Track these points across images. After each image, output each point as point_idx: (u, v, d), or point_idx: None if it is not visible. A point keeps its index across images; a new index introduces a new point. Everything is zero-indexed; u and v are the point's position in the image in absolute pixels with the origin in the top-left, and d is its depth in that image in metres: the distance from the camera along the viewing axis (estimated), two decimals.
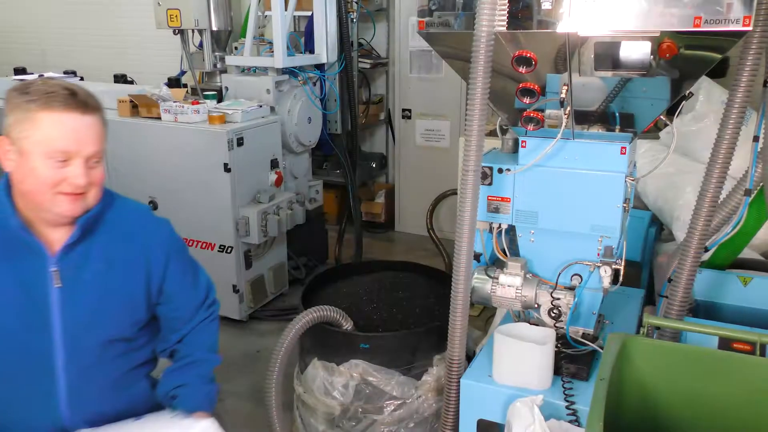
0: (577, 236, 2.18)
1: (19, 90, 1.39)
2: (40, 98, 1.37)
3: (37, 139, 1.36)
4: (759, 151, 2.04)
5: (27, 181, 1.39)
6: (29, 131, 1.36)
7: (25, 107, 1.36)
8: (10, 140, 1.39)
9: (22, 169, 1.38)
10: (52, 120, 1.37)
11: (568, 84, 1.99)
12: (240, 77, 4.24)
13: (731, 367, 1.79)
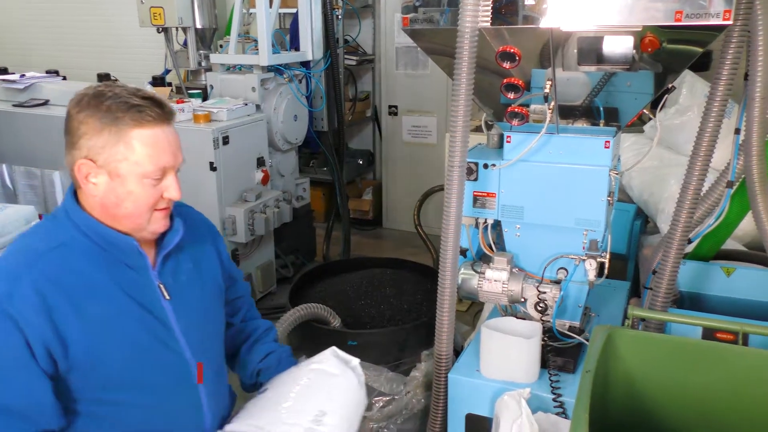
0: (563, 230, 2.20)
1: (93, 106, 1.25)
2: (128, 114, 1.25)
3: (134, 161, 1.26)
4: (740, 144, 2.06)
5: (123, 204, 1.29)
6: (124, 154, 1.25)
7: (113, 128, 1.24)
8: (97, 164, 1.26)
9: (116, 193, 1.28)
10: (146, 138, 1.27)
11: (552, 79, 2.00)
12: (225, 75, 4.21)
13: (715, 356, 1.82)
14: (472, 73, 1.91)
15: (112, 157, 1.25)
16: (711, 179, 2.25)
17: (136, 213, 1.31)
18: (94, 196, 1.29)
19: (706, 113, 1.95)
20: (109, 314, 1.29)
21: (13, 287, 1.21)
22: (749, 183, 2.02)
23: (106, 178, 1.27)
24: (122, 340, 1.31)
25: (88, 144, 1.25)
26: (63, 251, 1.27)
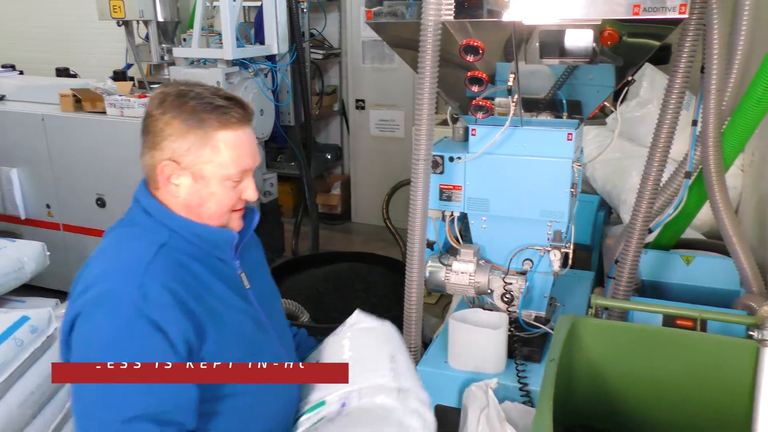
0: (527, 222, 2.23)
1: (177, 107, 1.22)
2: (213, 116, 1.22)
3: (219, 163, 1.25)
4: (698, 135, 2.11)
5: (206, 205, 1.28)
6: (209, 156, 1.23)
7: (200, 130, 1.22)
8: (181, 166, 1.24)
9: (200, 195, 1.27)
10: (231, 140, 1.25)
11: (515, 72, 2.02)
12: (189, 69, 4.14)
13: (675, 342, 1.87)
14: (436, 67, 1.91)
15: (197, 159, 1.23)
16: (671, 170, 2.30)
17: (218, 213, 1.30)
18: (176, 197, 1.27)
19: (664, 105, 2.00)
20: (221, 306, 1.28)
21: (143, 289, 1.18)
22: (706, 173, 2.07)
23: (189, 180, 1.25)
24: (236, 331, 1.31)
25: (172, 146, 1.23)
26: (166, 252, 1.25)
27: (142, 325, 1.16)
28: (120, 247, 1.29)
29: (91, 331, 1.18)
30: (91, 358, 1.16)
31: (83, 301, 1.21)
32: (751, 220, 2.83)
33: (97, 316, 1.18)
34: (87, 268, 1.29)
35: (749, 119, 1.95)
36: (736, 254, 2.09)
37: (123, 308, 1.17)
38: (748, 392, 1.71)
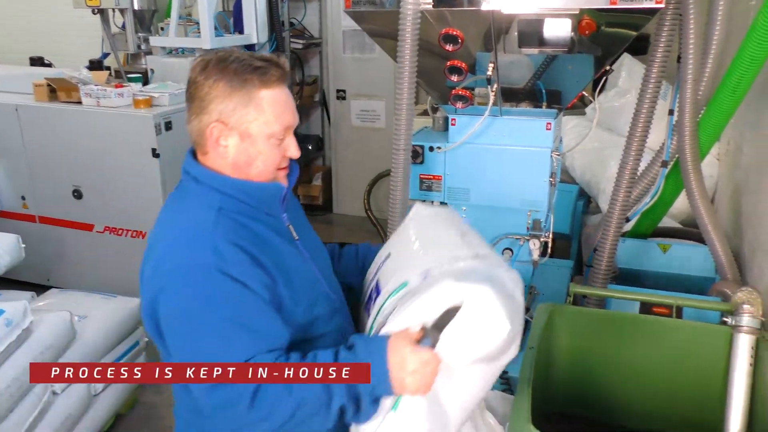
0: (507, 211, 2.24)
1: (220, 70, 1.27)
2: (254, 75, 1.27)
3: (263, 121, 1.29)
4: (674, 124, 2.13)
5: (255, 164, 1.31)
6: (254, 114, 1.28)
7: (243, 90, 1.26)
8: (228, 126, 1.28)
9: (247, 153, 1.30)
10: (272, 98, 1.29)
11: (495, 62, 2.03)
12: (166, 59, 4.08)
13: (651, 329, 1.90)
14: (416, 56, 1.91)
15: (243, 118, 1.27)
16: (648, 159, 2.33)
17: (265, 172, 1.33)
18: (225, 158, 1.30)
19: (641, 95, 2.01)
20: (281, 259, 1.32)
21: (217, 251, 1.22)
22: (682, 162, 2.10)
23: (237, 140, 1.29)
24: (299, 280, 1.35)
25: (219, 107, 1.27)
26: (224, 214, 1.29)
27: (228, 282, 1.21)
28: (180, 219, 1.32)
29: (181, 301, 1.22)
30: (189, 325, 1.22)
31: (161, 277, 1.24)
32: (727, 209, 2.88)
33: (183, 286, 1.22)
34: (152, 246, 1.31)
35: (724, 108, 1.97)
36: (712, 242, 2.13)
37: (205, 272, 1.21)
38: (722, 376, 1.74)
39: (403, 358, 1.17)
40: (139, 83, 3.90)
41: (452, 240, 1.43)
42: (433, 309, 1.18)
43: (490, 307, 1.15)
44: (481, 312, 1.15)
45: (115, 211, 3.76)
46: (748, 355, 1.67)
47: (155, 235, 1.33)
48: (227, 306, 1.21)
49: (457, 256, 1.34)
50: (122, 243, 3.80)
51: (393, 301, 1.34)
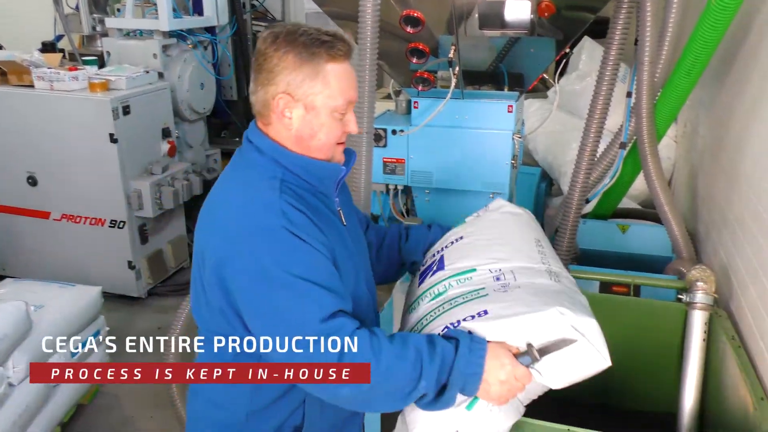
0: (470, 194, 2.25)
1: (289, 42, 1.27)
2: (321, 48, 1.27)
3: (328, 94, 1.29)
4: (632, 107, 2.16)
5: (317, 136, 1.33)
6: (320, 87, 1.28)
7: (311, 63, 1.27)
8: (294, 98, 1.29)
9: (311, 125, 1.31)
10: (338, 72, 1.30)
11: (456, 44, 2.02)
12: (123, 41, 3.96)
13: (611, 307, 1.94)
14: (377, 38, 1.89)
15: (309, 90, 1.29)
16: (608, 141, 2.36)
17: (326, 145, 1.35)
18: (289, 129, 1.32)
19: (599, 77, 2.03)
20: (335, 236, 1.35)
21: (286, 215, 1.24)
22: (640, 144, 2.13)
23: (302, 112, 1.30)
24: (347, 260, 1.37)
25: (287, 79, 1.28)
26: (286, 184, 1.31)
27: (298, 242, 1.23)
28: (245, 188, 1.32)
29: (253, 263, 1.23)
30: (264, 284, 1.23)
31: (231, 241, 1.25)
32: (684, 190, 2.95)
33: (254, 247, 1.23)
34: (213, 212, 1.32)
35: (680, 91, 2.01)
36: (668, 222, 2.17)
37: (275, 233, 1.23)
38: (677, 351, 1.79)
39: (500, 367, 1.20)
40: (94, 66, 3.79)
41: (528, 245, 1.49)
42: (539, 331, 1.21)
43: (598, 343, 1.22)
44: (589, 347, 1.21)
45: (73, 198, 3.67)
46: (701, 331, 1.71)
47: (217, 201, 1.34)
48: (299, 264, 1.23)
49: (530, 268, 1.40)
50: (81, 231, 3.71)
51: (454, 282, 1.40)
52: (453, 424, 1.23)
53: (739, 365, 1.53)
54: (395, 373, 1.20)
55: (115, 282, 3.76)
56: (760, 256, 1.61)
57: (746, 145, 1.90)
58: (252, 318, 1.26)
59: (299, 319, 1.22)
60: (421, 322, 1.39)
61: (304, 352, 1.20)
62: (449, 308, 1.36)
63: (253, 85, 1.33)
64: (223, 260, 1.25)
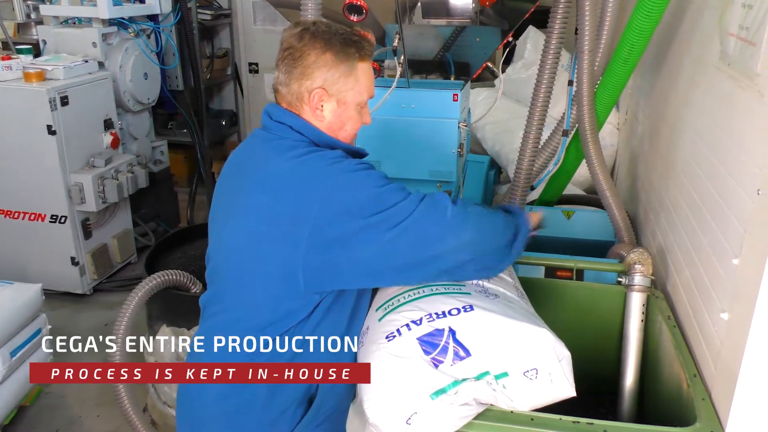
0: (418, 183, 2.26)
1: (326, 41, 1.36)
2: (353, 48, 1.38)
3: (358, 90, 1.41)
4: (574, 95, 2.21)
5: (345, 127, 1.45)
6: (352, 84, 1.40)
7: (347, 62, 1.38)
8: (329, 93, 1.39)
9: (341, 118, 1.43)
10: (366, 70, 1.42)
11: (400, 33, 2.02)
12: (60, 29, 3.81)
13: (555, 291, 1.99)
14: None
15: (343, 86, 1.39)
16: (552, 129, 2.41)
17: (350, 135, 1.48)
18: (321, 120, 1.42)
19: (541, 66, 2.07)
20: None
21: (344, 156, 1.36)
22: (581, 131, 2.18)
23: (334, 105, 1.41)
24: None
25: (324, 76, 1.37)
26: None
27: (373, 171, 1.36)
28: (310, 152, 1.37)
29: (357, 192, 1.31)
30: (378, 200, 1.31)
31: (340, 189, 1.31)
32: (625, 175, 3.04)
33: (360, 177, 1.33)
34: (294, 178, 1.34)
35: (618, 79, 2.06)
36: (609, 207, 2.23)
37: (362, 169, 1.34)
38: (618, 332, 1.85)
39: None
40: (29, 55, 3.63)
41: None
42: (521, 342, 1.29)
43: (568, 373, 1.31)
44: (561, 375, 1.29)
45: (10, 193, 3.53)
46: (639, 312, 1.77)
47: (291, 168, 1.35)
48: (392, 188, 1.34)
49: (504, 279, 1.57)
50: (20, 227, 3.57)
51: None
52: (413, 407, 1.25)
53: (674, 344, 1.59)
54: (495, 221, 1.43)
55: (57, 279, 3.63)
56: (693, 239, 1.67)
57: (680, 132, 1.97)
58: (394, 246, 1.31)
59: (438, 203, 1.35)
60: (397, 298, 1.43)
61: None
62: (430, 294, 1.40)
63: (284, 77, 1.40)
64: (340, 214, 1.29)
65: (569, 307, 1.98)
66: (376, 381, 1.29)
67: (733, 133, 1.45)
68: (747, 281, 1.22)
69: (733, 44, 1.45)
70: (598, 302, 1.93)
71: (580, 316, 1.98)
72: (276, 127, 1.43)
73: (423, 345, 1.30)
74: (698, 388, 1.41)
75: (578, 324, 1.98)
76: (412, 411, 1.25)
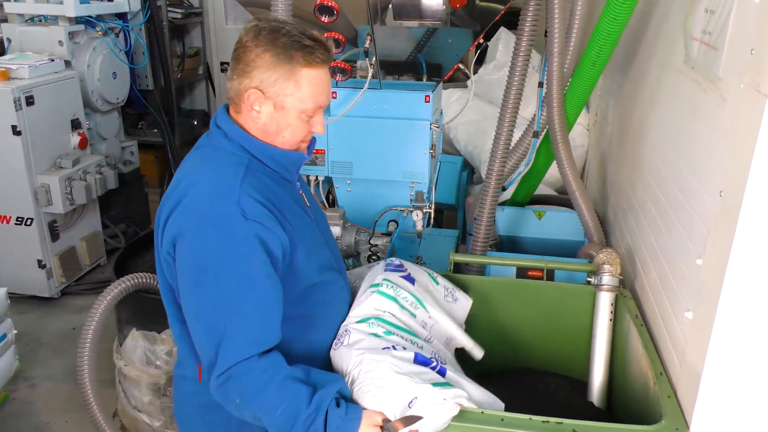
0: (390, 184, 2.26)
1: (270, 41, 1.31)
2: (300, 53, 1.32)
3: (299, 97, 1.35)
4: (544, 97, 2.23)
5: (282, 134, 1.39)
6: (291, 89, 1.34)
7: (287, 65, 1.32)
8: (266, 95, 1.34)
9: (278, 123, 1.38)
10: (313, 78, 1.35)
11: (371, 34, 2.02)
12: (25, 27, 3.72)
13: (527, 291, 2.00)
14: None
15: (281, 91, 1.34)
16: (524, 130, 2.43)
17: (290, 143, 1.41)
18: (256, 122, 1.38)
19: (511, 68, 2.09)
20: (297, 221, 1.41)
21: (241, 205, 1.29)
22: (551, 133, 2.20)
23: (270, 109, 1.36)
24: (311, 243, 1.44)
25: (261, 76, 1.32)
26: (251, 172, 1.35)
27: (248, 237, 1.29)
28: (209, 170, 1.37)
29: (200, 246, 1.29)
30: (205, 267, 1.29)
31: (186, 220, 1.31)
32: (595, 176, 3.08)
33: (204, 233, 1.29)
34: (179, 187, 1.36)
35: (586, 81, 2.09)
36: (579, 208, 2.26)
37: (227, 223, 1.28)
38: (588, 331, 1.87)
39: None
40: None
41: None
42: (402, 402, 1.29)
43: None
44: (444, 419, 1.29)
45: None
46: (608, 311, 1.80)
47: (183, 177, 1.37)
48: (238, 259, 1.28)
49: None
50: None
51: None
52: (414, 392, 1.29)
53: (641, 342, 1.62)
54: (264, 415, 1.27)
55: (24, 282, 3.56)
56: (659, 239, 1.70)
57: (646, 133, 2.00)
58: (182, 297, 1.33)
59: (212, 319, 1.29)
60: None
61: (201, 349, 1.31)
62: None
63: (230, 72, 1.38)
64: (177, 236, 1.31)
65: (540, 307, 2.00)
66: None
67: (696, 136, 1.48)
68: (710, 281, 1.24)
69: (697, 48, 1.48)
70: (568, 302, 1.95)
71: (551, 315, 2.00)
72: (215, 133, 1.41)
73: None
74: (664, 386, 1.44)
75: (549, 323, 2.00)
76: (414, 396, 1.29)
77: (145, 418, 2.51)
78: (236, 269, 1.27)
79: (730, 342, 1.21)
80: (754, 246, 1.13)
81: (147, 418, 2.51)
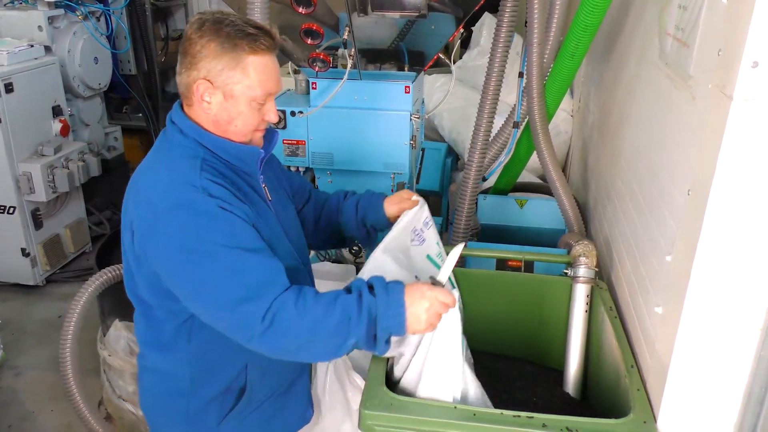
0: (372, 174, 2.26)
1: (214, 32, 1.33)
2: (244, 41, 1.33)
3: (247, 85, 1.36)
4: (524, 87, 2.22)
5: (234, 122, 1.40)
6: (239, 77, 1.35)
7: (232, 53, 1.34)
8: (214, 85, 1.36)
9: (229, 112, 1.39)
10: (259, 65, 1.36)
11: (350, 25, 2.00)
12: (3, 12, 3.64)
13: (506, 283, 2.02)
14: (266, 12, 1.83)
15: (228, 80, 1.35)
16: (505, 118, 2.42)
17: (243, 131, 1.42)
18: (207, 113, 1.39)
19: (491, 57, 2.08)
20: (258, 209, 1.43)
21: (207, 190, 1.31)
22: (532, 123, 2.20)
23: (220, 98, 1.37)
24: (270, 233, 1.45)
25: (207, 66, 1.34)
26: (207, 162, 1.38)
27: (221, 213, 1.31)
28: (166, 168, 1.38)
29: (178, 233, 1.30)
30: (190, 249, 1.29)
31: (154, 217, 1.32)
32: (578, 164, 3.09)
33: (178, 219, 1.30)
34: (137, 189, 1.38)
35: (565, 72, 2.08)
36: (559, 197, 2.27)
37: (196, 204, 1.30)
38: (564, 322, 1.89)
39: (420, 297, 1.31)
40: None
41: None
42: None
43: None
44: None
45: None
46: (584, 303, 1.82)
47: (141, 179, 1.40)
48: (220, 233, 1.29)
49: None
50: None
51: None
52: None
53: (614, 335, 1.64)
54: (320, 333, 1.28)
55: (7, 270, 3.55)
56: (634, 232, 1.71)
57: (624, 124, 2.01)
58: (179, 287, 1.34)
59: (225, 285, 1.29)
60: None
61: (232, 314, 1.29)
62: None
63: (178, 66, 1.39)
64: (147, 234, 1.32)
65: (518, 299, 2.02)
66: None
67: (669, 131, 1.48)
68: (678, 278, 1.26)
69: (670, 44, 1.48)
70: (545, 293, 1.97)
71: (529, 306, 2.01)
72: (171, 129, 1.43)
73: None
74: (635, 378, 1.46)
75: (527, 314, 2.02)
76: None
77: (129, 407, 2.53)
78: (220, 239, 1.29)
79: (696, 338, 1.23)
80: (719, 245, 1.15)
81: (131, 407, 2.53)
